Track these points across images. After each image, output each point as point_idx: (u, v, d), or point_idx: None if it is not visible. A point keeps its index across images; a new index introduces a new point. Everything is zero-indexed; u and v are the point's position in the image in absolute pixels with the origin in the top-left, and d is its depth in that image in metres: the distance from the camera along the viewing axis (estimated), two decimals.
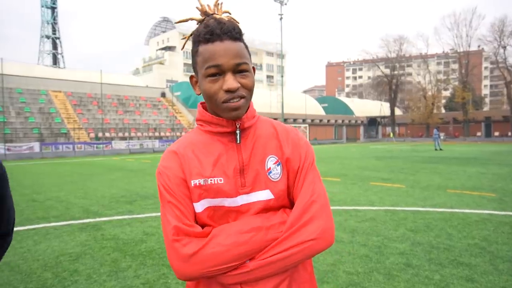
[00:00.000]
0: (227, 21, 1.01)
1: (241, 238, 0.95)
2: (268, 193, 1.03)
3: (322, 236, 0.99)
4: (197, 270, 0.95)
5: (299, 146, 1.08)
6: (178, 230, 0.96)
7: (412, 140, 49.08)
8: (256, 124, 1.09)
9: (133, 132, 33.08)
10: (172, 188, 1.00)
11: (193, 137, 1.08)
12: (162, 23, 73.46)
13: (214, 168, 1.02)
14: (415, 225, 5.27)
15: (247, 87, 1.00)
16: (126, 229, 5.32)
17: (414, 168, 13.29)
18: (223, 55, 0.96)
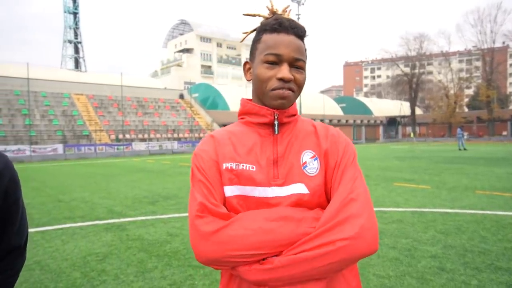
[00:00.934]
0: (295, 20, 1.04)
1: (268, 225, 0.90)
2: (302, 187, 0.98)
3: (362, 236, 0.88)
4: (216, 252, 0.89)
5: (338, 142, 1.04)
6: (203, 207, 0.94)
7: (434, 140, 47.92)
8: (295, 121, 1.09)
9: (153, 134, 33.52)
10: (204, 169, 1.00)
11: (232, 127, 1.10)
12: (180, 26, 74.31)
13: (248, 155, 1.01)
14: (445, 227, 5.09)
15: (298, 82, 1.01)
16: (150, 229, 5.34)
17: (438, 169, 12.93)
18: (286, 46, 0.98)
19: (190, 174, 1.05)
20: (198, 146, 1.07)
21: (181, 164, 17.84)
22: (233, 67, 72.46)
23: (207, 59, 70.14)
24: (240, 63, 73.51)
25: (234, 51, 74.80)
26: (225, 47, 73.29)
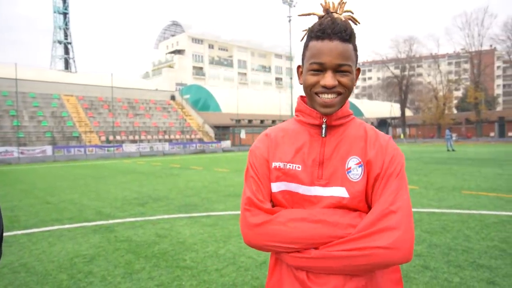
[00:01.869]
0: (341, 21, 1.04)
1: (305, 226, 1.01)
2: (343, 190, 1.04)
3: (397, 246, 0.95)
4: (259, 240, 1.05)
5: (385, 152, 1.06)
6: (251, 201, 1.08)
7: (424, 141, 48.47)
8: (347, 124, 1.12)
9: (143, 135, 33.34)
10: (256, 166, 1.12)
11: (287, 125, 1.18)
12: (171, 27, 74.08)
13: (295, 156, 1.10)
14: (431, 226, 5.17)
15: (345, 85, 1.04)
16: (139, 231, 5.33)
17: (427, 169, 13.10)
18: (328, 54, 1.02)
19: (245, 168, 1.18)
20: (254, 143, 1.19)
21: (172, 166, 17.78)
22: (225, 68, 72.43)
23: (198, 60, 69.95)
24: (232, 64, 73.54)
25: (226, 53, 74.76)
26: (216, 48, 73.20)
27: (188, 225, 5.59)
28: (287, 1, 37.27)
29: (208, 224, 5.63)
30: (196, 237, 4.93)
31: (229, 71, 72.85)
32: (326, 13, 1.08)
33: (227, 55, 74.69)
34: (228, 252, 4.30)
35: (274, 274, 1.13)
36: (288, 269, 1.08)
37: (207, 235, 5.04)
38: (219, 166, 16.90)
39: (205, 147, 33.84)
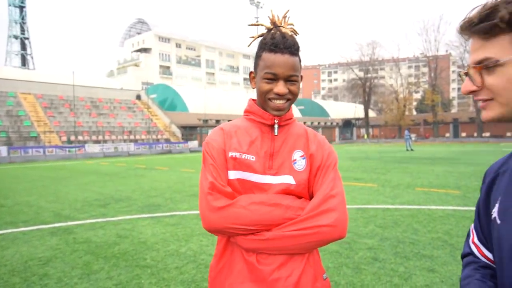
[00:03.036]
0: (290, 36, 1.21)
1: (263, 208, 1.13)
2: (290, 178, 1.20)
3: (337, 225, 1.13)
4: (220, 223, 1.13)
5: (323, 148, 1.27)
6: (213, 186, 1.16)
7: (386, 141, 50.40)
8: (291, 124, 1.30)
9: (108, 135, 32.38)
10: (214, 155, 1.21)
11: (238, 122, 1.30)
12: (137, 25, 72.31)
13: (250, 148, 1.22)
14: (384, 221, 5.48)
15: (293, 92, 1.21)
16: (99, 232, 5.26)
17: (386, 168, 13.71)
18: (280, 66, 1.17)
19: (202, 157, 1.26)
20: (210, 136, 1.28)
21: (136, 166, 17.45)
22: (192, 68, 71.67)
23: (165, 59, 68.75)
24: (200, 64, 72.93)
25: (194, 52, 74.00)
26: (184, 47, 72.28)
27: (150, 225, 5.58)
28: (255, 2, 37.56)
29: (171, 224, 5.64)
30: (158, 237, 4.94)
31: (197, 70, 72.17)
32: (274, 26, 1.23)
33: (195, 55, 73.95)
34: (189, 250, 4.36)
35: (223, 258, 1.23)
36: (239, 253, 1.19)
37: (169, 234, 5.06)
38: (186, 166, 16.79)
39: (172, 148, 33.38)
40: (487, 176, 0.88)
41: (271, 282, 1.14)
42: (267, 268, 1.14)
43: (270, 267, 1.14)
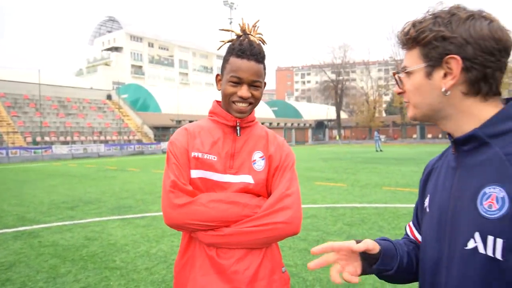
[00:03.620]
0: (257, 44, 1.29)
1: (222, 206, 1.20)
2: (249, 178, 1.27)
3: (291, 222, 1.21)
4: (181, 219, 1.20)
5: (282, 149, 1.35)
6: (175, 184, 1.22)
7: (357, 142, 51.69)
8: (253, 126, 1.37)
9: (76, 136, 31.36)
10: (177, 155, 1.27)
11: (202, 123, 1.36)
12: (107, 23, 70.43)
13: (212, 148, 1.29)
14: (351, 220, 5.68)
15: (256, 97, 1.29)
16: (67, 235, 5.14)
17: (356, 168, 14.10)
18: (245, 72, 1.24)
19: (166, 156, 1.31)
20: (174, 136, 1.33)
21: (107, 168, 17.04)
22: (165, 68, 70.63)
23: (137, 59, 67.37)
24: (173, 64, 71.99)
25: (167, 52, 72.94)
26: (157, 47, 71.09)
27: (120, 227, 5.51)
28: (228, 3, 37.56)
29: (141, 225, 5.59)
30: (128, 238, 4.89)
31: (169, 71, 71.17)
32: (243, 33, 1.31)
33: (167, 55, 72.90)
34: (160, 251, 4.35)
35: (187, 253, 1.29)
36: (201, 248, 1.25)
37: (140, 235, 5.02)
38: (158, 167, 16.56)
39: (144, 149, 32.76)
40: (425, 170, 0.99)
41: (231, 274, 1.21)
42: (227, 262, 1.22)
43: (230, 261, 1.22)
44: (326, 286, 3.28)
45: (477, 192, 0.74)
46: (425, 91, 0.82)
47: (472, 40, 0.75)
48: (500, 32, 0.76)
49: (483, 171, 0.75)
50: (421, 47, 0.81)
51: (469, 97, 0.79)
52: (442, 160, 0.93)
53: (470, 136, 0.78)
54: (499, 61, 0.76)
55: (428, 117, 0.86)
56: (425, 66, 0.81)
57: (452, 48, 0.76)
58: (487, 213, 0.71)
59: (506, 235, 0.68)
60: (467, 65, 0.76)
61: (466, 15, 0.77)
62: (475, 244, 0.73)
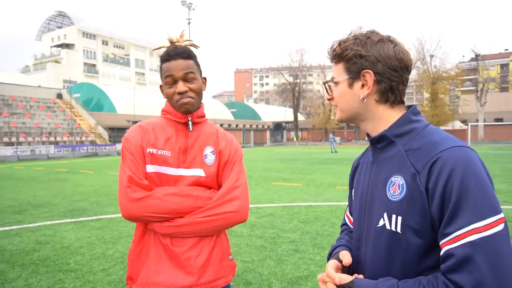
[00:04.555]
0: (181, 46, 1.40)
1: (176, 199, 1.31)
2: (201, 171, 1.39)
3: (240, 211, 1.35)
4: (138, 212, 1.29)
5: (231, 145, 1.47)
6: (131, 179, 1.31)
7: (314, 144, 53.14)
8: (204, 123, 1.48)
9: (22, 137, 29.46)
10: (132, 151, 1.35)
11: (156, 120, 1.46)
12: (57, 18, 66.72)
13: (165, 144, 1.38)
14: (306, 217, 5.94)
15: (194, 90, 1.39)
16: (15, 239, 4.92)
17: (311, 169, 14.59)
18: (175, 69, 1.36)
19: (121, 153, 1.38)
20: (128, 132, 1.41)
21: (58, 170, 16.22)
22: (121, 67, 68.20)
23: (90, 56, 64.47)
24: (129, 63, 69.73)
25: (122, 51, 70.50)
26: (111, 45, 68.47)
27: (74, 230, 5.36)
28: (186, 4, 37.18)
29: (97, 228, 5.48)
30: (83, 241, 4.79)
31: (125, 70, 68.82)
32: (170, 43, 1.44)
33: (123, 53, 70.45)
34: (117, 252, 4.31)
35: (141, 242, 1.38)
36: (155, 237, 1.35)
37: (95, 238, 4.93)
38: (113, 169, 16.05)
39: (98, 150, 31.46)
40: (353, 165, 1.19)
41: (184, 261, 1.33)
42: (180, 249, 1.33)
43: (183, 248, 1.33)
44: (280, 279, 3.46)
45: (386, 181, 0.93)
46: (348, 98, 1.00)
47: (381, 59, 0.94)
48: (401, 54, 0.96)
49: (391, 164, 0.94)
50: (345, 62, 0.99)
51: (380, 104, 0.98)
52: (364, 156, 1.13)
53: (381, 136, 0.97)
54: (402, 76, 0.96)
55: (352, 119, 1.04)
56: (347, 78, 0.99)
57: (367, 64, 0.95)
58: (392, 197, 0.90)
59: (403, 213, 0.87)
60: (378, 78, 0.95)
61: (377, 38, 0.96)
62: (384, 222, 0.92)
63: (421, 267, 0.87)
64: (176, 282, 1.31)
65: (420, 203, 0.84)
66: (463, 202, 0.79)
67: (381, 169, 0.97)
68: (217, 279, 1.38)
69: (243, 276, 3.55)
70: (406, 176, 0.88)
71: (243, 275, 3.56)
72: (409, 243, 0.86)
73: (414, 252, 0.87)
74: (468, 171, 0.80)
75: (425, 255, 0.86)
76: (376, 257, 0.95)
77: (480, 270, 0.75)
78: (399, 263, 0.89)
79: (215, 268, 1.38)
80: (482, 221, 0.78)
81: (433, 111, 44.41)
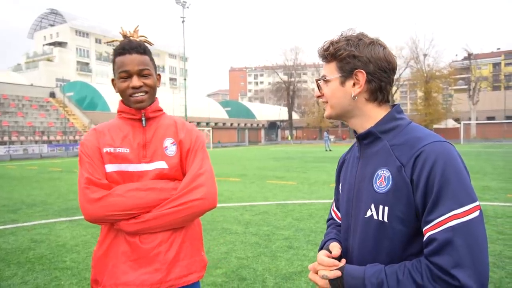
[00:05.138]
0: (136, 41, 1.39)
1: (139, 194, 1.28)
2: (163, 163, 1.37)
3: (207, 197, 1.33)
4: (100, 212, 1.26)
5: (191, 133, 1.45)
6: (89, 180, 1.29)
7: (308, 142, 53.33)
8: (160, 117, 1.46)
9: (15, 136, 29.22)
10: (89, 154, 1.34)
11: (112, 121, 1.46)
12: (49, 16, 66.12)
13: (123, 141, 1.37)
14: (300, 215, 6.01)
15: (148, 85, 1.38)
16: (10, 238, 4.93)
17: (306, 167, 14.68)
18: (130, 64, 1.34)
19: (78, 159, 1.37)
20: (85, 137, 1.40)
21: (51, 169, 16.14)
22: None
23: (84, 55, 64.00)
24: None
25: None
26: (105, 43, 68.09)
27: (69, 228, 5.38)
28: (181, 2, 37.05)
29: (92, 226, 5.48)
30: (78, 239, 4.81)
31: None
32: (124, 37, 1.43)
33: None
34: None
35: (105, 243, 1.34)
36: (121, 237, 1.31)
37: (90, 236, 4.95)
38: None
39: None
40: (339, 161, 1.25)
41: (152, 257, 1.29)
42: (149, 246, 1.29)
43: (152, 244, 1.30)
44: (274, 275, 3.52)
45: (373, 174, 1.00)
46: (340, 95, 1.05)
47: (373, 60, 1.01)
48: (390, 57, 1.03)
49: (377, 158, 1.01)
50: (338, 62, 1.04)
51: (369, 102, 1.04)
52: (350, 152, 1.20)
53: (368, 132, 1.03)
54: (389, 77, 1.03)
55: (341, 116, 1.10)
56: (339, 76, 1.04)
57: (359, 64, 1.01)
58: (379, 189, 0.97)
59: (389, 203, 0.94)
60: (369, 78, 1.01)
61: (369, 41, 1.03)
62: (371, 212, 0.98)
63: (405, 254, 0.94)
64: (146, 280, 1.28)
65: (405, 193, 0.91)
66: (444, 192, 0.86)
67: (367, 164, 1.03)
68: (189, 274, 1.36)
69: (238, 272, 3.60)
70: (392, 169, 0.94)
71: (238, 271, 3.61)
72: (395, 231, 0.93)
73: (400, 240, 0.94)
74: (448, 163, 0.88)
75: (410, 242, 0.93)
76: (364, 247, 1.01)
77: (458, 252, 0.83)
78: (386, 251, 0.96)
79: (186, 263, 1.36)
80: (461, 208, 0.85)
81: (427, 110, 44.77)
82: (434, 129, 47.38)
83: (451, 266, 0.82)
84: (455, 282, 0.82)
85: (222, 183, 9.96)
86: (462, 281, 0.81)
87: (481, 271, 0.83)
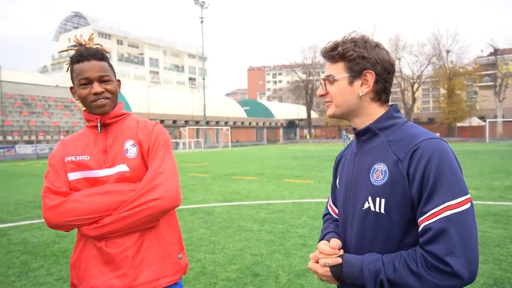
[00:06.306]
0: (93, 48, 1.41)
1: (95, 198, 1.28)
2: (124, 166, 1.36)
3: (165, 196, 1.28)
4: (59, 219, 1.27)
5: (151, 133, 1.42)
6: (48, 189, 1.32)
7: (327, 141, 52.93)
8: (123, 120, 1.46)
9: (42, 135, 30.30)
10: (54, 164, 1.38)
11: (79, 132, 1.49)
12: (74, 18, 68.16)
13: (84, 149, 1.39)
14: (316, 213, 6.03)
15: (110, 91, 1.38)
16: (36, 232, 5.17)
17: (323, 166, 14.61)
18: (90, 70, 1.35)
19: None
20: (54, 150, 1.45)
21: None
22: (135, 66, 69.21)
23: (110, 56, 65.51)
24: (143, 62, 70.71)
25: (137, 50, 71.51)
26: (126, 44, 69.54)
27: None
28: (199, 2, 37.44)
29: None
30: None
31: (140, 69, 69.84)
32: (80, 45, 1.45)
33: (137, 53, 71.47)
34: None
35: (78, 248, 1.37)
36: (90, 242, 1.32)
37: None
38: None
39: None
40: (336, 158, 1.31)
41: (120, 262, 1.29)
42: (116, 250, 1.29)
43: (118, 249, 1.29)
44: (288, 271, 3.58)
45: (370, 168, 1.05)
46: (347, 95, 1.10)
47: (380, 62, 1.07)
48: (392, 59, 1.09)
49: (374, 153, 1.06)
50: (347, 62, 1.08)
51: (373, 102, 1.10)
52: (347, 149, 1.26)
53: (367, 129, 1.09)
54: (391, 79, 1.10)
55: (345, 115, 1.14)
56: (348, 76, 1.09)
57: (369, 65, 1.07)
58: (375, 182, 1.02)
59: (386, 195, 0.99)
60: (377, 79, 1.07)
61: (374, 44, 1.09)
62: (369, 205, 1.04)
63: (401, 245, 0.99)
64: (114, 284, 1.28)
65: (401, 186, 0.97)
66: (439, 185, 0.92)
67: (364, 158, 1.09)
68: (159, 278, 1.33)
69: (252, 268, 3.68)
70: (389, 163, 1.00)
71: (252, 267, 3.69)
72: (392, 222, 0.99)
73: (396, 231, 0.99)
74: (442, 158, 0.94)
75: (405, 233, 0.99)
76: (361, 238, 1.06)
77: (452, 241, 0.88)
78: (382, 242, 1.01)
79: (156, 267, 1.34)
80: (454, 199, 0.91)
81: (450, 107, 43.66)
82: (458, 127, 46.17)
83: (445, 254, 0.88)
84: (447, 268, 0.87)
85: (239, 181, 10.06)
86: (454, 268, 0.87)
87: (472, 259, 0.89)
